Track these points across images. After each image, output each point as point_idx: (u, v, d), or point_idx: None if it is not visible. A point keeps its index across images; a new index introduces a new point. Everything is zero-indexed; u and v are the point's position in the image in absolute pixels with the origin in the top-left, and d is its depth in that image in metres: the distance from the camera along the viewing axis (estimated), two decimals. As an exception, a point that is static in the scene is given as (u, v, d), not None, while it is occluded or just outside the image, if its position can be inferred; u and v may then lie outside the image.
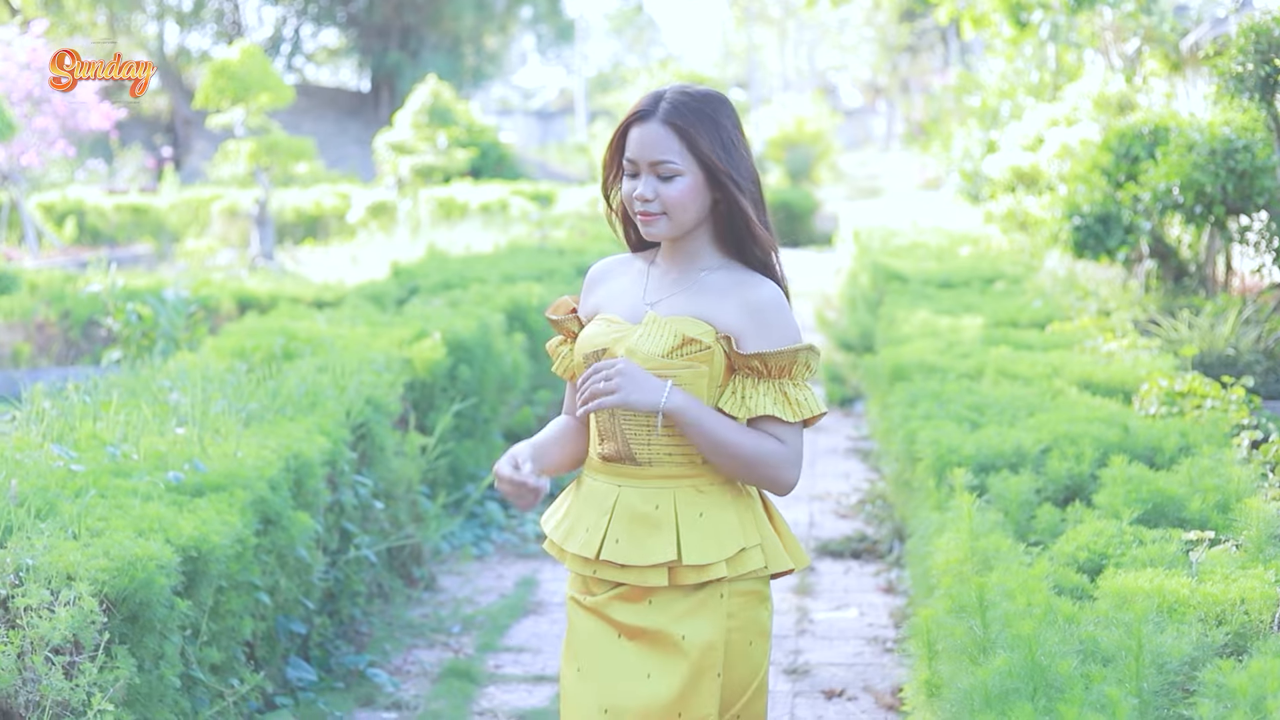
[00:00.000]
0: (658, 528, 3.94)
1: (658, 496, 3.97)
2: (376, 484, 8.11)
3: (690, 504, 3.96)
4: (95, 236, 31.52)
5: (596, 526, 4.00)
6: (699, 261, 4.06)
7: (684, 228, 3.98)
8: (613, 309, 4.12)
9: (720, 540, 3.94)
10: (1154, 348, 9.30)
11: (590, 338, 4.08)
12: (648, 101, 4.00)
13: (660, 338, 3.94)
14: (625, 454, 4.01)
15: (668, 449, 3.97)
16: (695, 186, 3.94)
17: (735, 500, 4.01)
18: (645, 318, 4.01)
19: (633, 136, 3.98)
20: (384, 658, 7.52)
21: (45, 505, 5.38)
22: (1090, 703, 3.66)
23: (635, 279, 4.16)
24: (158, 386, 7.66)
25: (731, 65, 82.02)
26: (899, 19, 57.79)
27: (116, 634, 4.95)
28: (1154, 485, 5.73)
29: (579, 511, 4.10)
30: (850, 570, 9.03)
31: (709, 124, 3.94)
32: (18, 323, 16.25)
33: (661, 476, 3.98)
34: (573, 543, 4.05)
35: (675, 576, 3.93)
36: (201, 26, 55.23)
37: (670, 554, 3.90)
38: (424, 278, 14.78)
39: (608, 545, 3.96)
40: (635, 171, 3.98)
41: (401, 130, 33.26)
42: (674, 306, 4.01)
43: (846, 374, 15.14)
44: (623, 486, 4.01)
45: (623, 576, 3.96)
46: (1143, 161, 11.77)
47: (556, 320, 4.29)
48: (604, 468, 4.07)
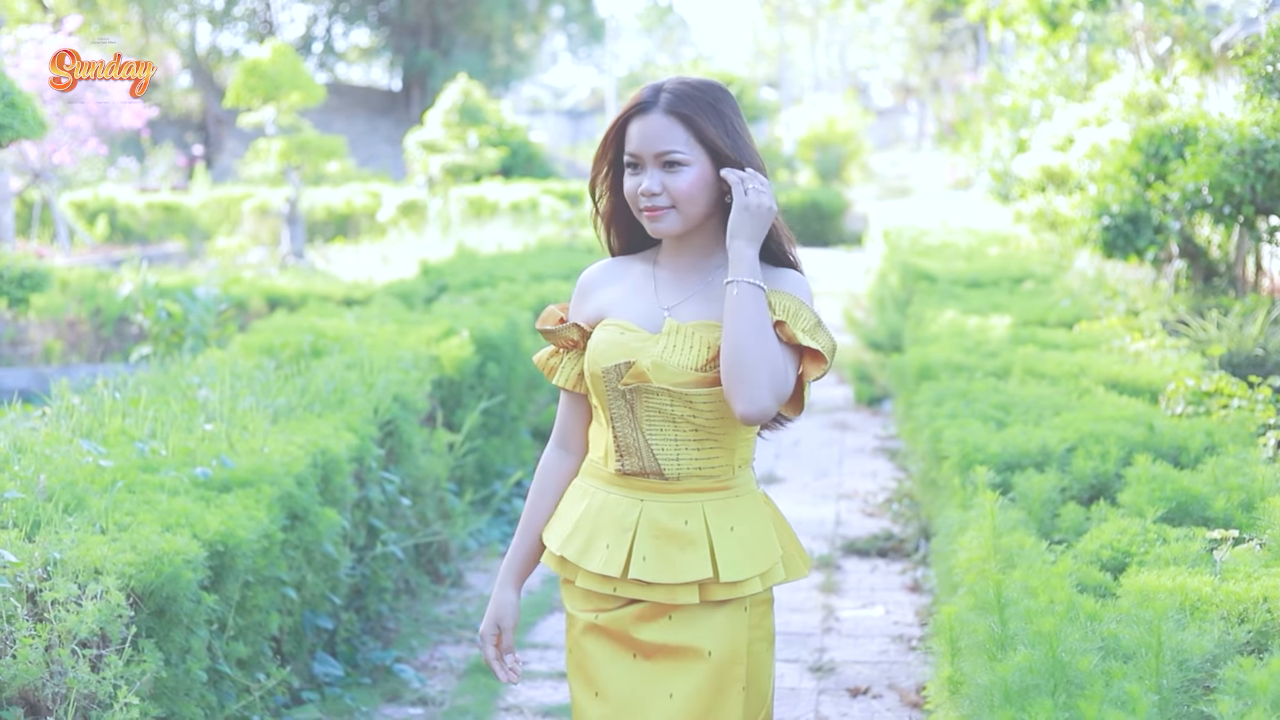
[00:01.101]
0: (690, 544, 3.76)
1: (686, 511, 3.80)
2: (404, 481, 8.13)
3: (721, 518, 3.80)
4: (127, 235, 31.64)
5: (619, 544, 3.81)
6: (710, 259, 3.87)
7: (693, 221, 3.78)
8: (622, 313, 3.88)
9: (753, 554, 3.80)
10: (1182, 348, 9.28)
11: (605, 348, 3.83)
12: (647, 93, 3.81)
13: (691, 349, 3.75)
14: (651, 468, 3.82)
15: (697, 462, 3.80)
16: (703, 177, 3.74)
17: (759, 511, 3.88)
18: (665, 325, 3.80)
19: (633, 130, 3.79)
20: (410, 654, 7.54)
21: (73, 500, 5.42)
22: (1110, 699, 3.66)
23: (640, 281, 3.93)
24: (186, 383, 7.70)
25: (762, 64, 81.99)
26: (930, 18, 57.68)
27: (143, 628, 4.98)
28: (1178, 484, 5.72)
29: (593, 527, 3.88)
30: (876, 568, 9.04)
31: (712, 112, 3.76)
32: (49, 320, 16.34)
33: (689, 490, 3.81)
34: (591, 560, 3.83)
35: (706, 593, 3.78)
36: (233, 25, 55.32)
37: (705, 571, 3.75)
38: (453, 276, 14.82)
39: (635, 563, 3.77)
40: (638, 166, 3.79)
41: (432, 129, 33.26)
42: (694, 311, 3.81)
43: (874, 373, 15.14)
44: (646, 501, 3.82)
45: (648, 594, 3.79)
46: (1172, 161, 11.74)
47: (551, 331, 4.03)
48: (620, 481, 3.88)
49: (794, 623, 8.02)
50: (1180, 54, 15.76)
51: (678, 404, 3.76)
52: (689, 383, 3.73)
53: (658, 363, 3.74)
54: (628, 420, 3.82)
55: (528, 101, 75.11)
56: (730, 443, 3.83)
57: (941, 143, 50.57)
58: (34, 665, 4.38)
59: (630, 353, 3.78)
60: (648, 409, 3.79)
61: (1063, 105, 18.84)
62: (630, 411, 3.82)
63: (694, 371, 3.73)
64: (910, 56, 64.94)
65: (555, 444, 4.11)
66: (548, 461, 4.10)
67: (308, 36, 55.74)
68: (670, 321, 3.79)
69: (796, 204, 35.75)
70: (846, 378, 15.82)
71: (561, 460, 4.08)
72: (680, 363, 3.73)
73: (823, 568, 9.00)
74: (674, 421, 3.78)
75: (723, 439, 3.81)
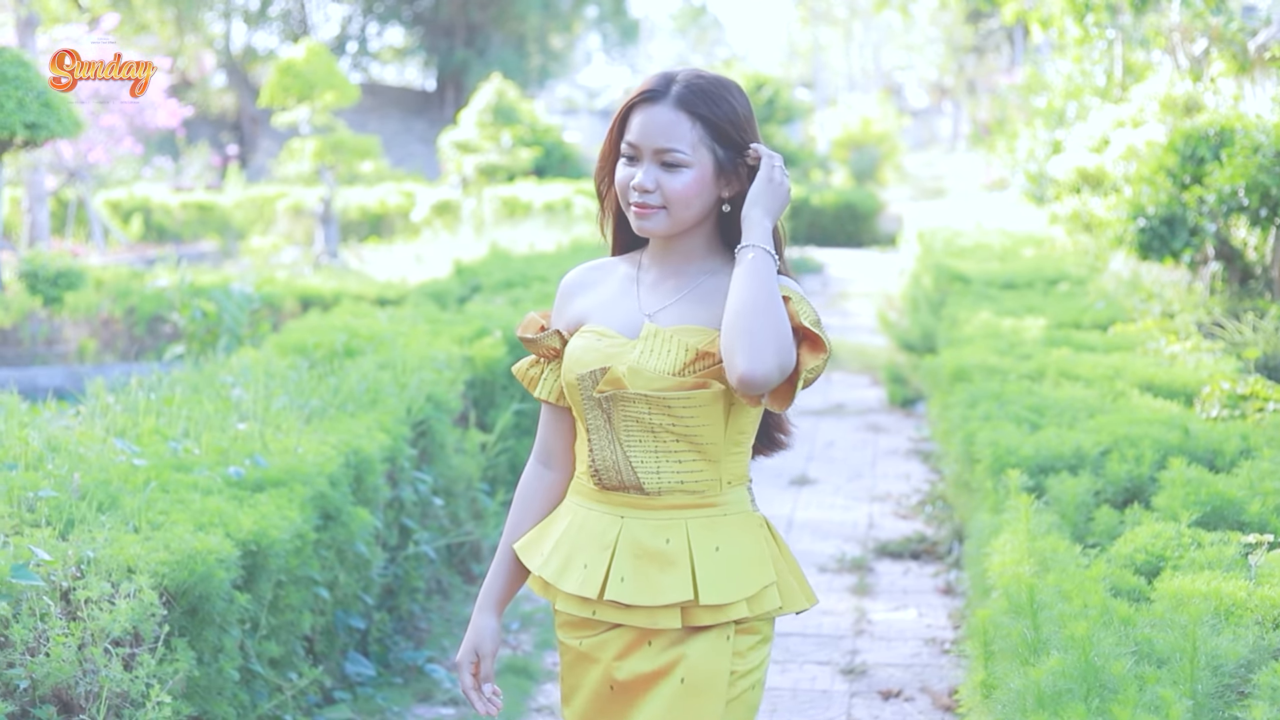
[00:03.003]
0: (670, 564, 3.54)
1: (668, 529, 3.57)
2: (436, 481, 8.14)
3: (705, 537, 3.57)
4: (161, 234, 31.77)
5: (597, 563, 3.59)
6: (696, 263, 3.66)
7: (682, 225, 3.58)
8: (602, 319, 3.68)
9: (739, 577, 3.56)
10: (1217, 350, 9.25)
11: (581, 355, 3.62)
12: (657, 82, 3.57)
13: (668, 353, 3.52)
14: (630, 483, 3.60)
15: (679, 476, 3.57)
16: (702, 181, 3.53)
17: (751, 532, 3.63)
18: (643, 329, 3.58)
19: (637, 119, 3.56)
20: (442, 654, 7.54)
21: (107, 499, 5.44)
22: (1144, 704, 3.65)
23: (623, 286, 3.72)
24: (220, 382, 7.73)
25: (796, 65, 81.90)
26: (965, 19, 57.57)
27: (176, 627, 5.00)
28: (1213, 488, 5.71)
29: (572, 545, 3.67)
30: (909, 571, 9.02)
31: (729, 113, 3.55)
32: (84, 319, 16.41)
33: (671, 507, 3.58)
34: (569, 581, 3.62)
35: (688, 617, 3.55)
36: (268, 25, 55.52)
37: (686, 593, 3.51)
38: (486, 276, 14.84)
39: (612, 584, 3.55)
40: (634, 157, 3.57)
41: (466, 129, 33.31)
42: (676, 316, 3.60)
43: (908, 375, 15.11)
44: (626, 518, 3.60)
45: (627, 618, 3.57)
46: (1208, 163, 11.69)
47: (531, 339, 3.80)
48: (601, 496, 3.66)
49: (826, 625, 8.01)
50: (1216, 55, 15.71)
51: (656, 411, 3.53)
52: (667, 388, 3.50)
53: (634, 368, 3.53)
54: (605, 431, 3.62)
55: (562, 102, 75.13)
56: (715, 454, 3.59)
57: (976, 144, 50.48)
58: (67, 664, 4.39)
59: (606, 359, 3.58)
60: (625, 418, 3.57)
61: (1098, 106, 18.79)
62: (607, 422, 3.60)
63: (672, 376, 3.50)
64: (945, 57, 64.84)
65: (536, 460, 3.89)
66: (528, 479, 3.89)
67: (342, 36, 55.91)
68: (649, 325, 3.58)
69: (831, 205, 35.71)
70: (880, 379, 15.81)
71: (542, 477, 3.87)
72: (657, 367, 3.51)
73: (855, 570, 8.99)
74: (653, 431, 3.56)
75: (706, 450, 3.58)
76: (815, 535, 9.73)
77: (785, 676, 7.24)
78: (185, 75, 48.89)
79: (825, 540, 9.61)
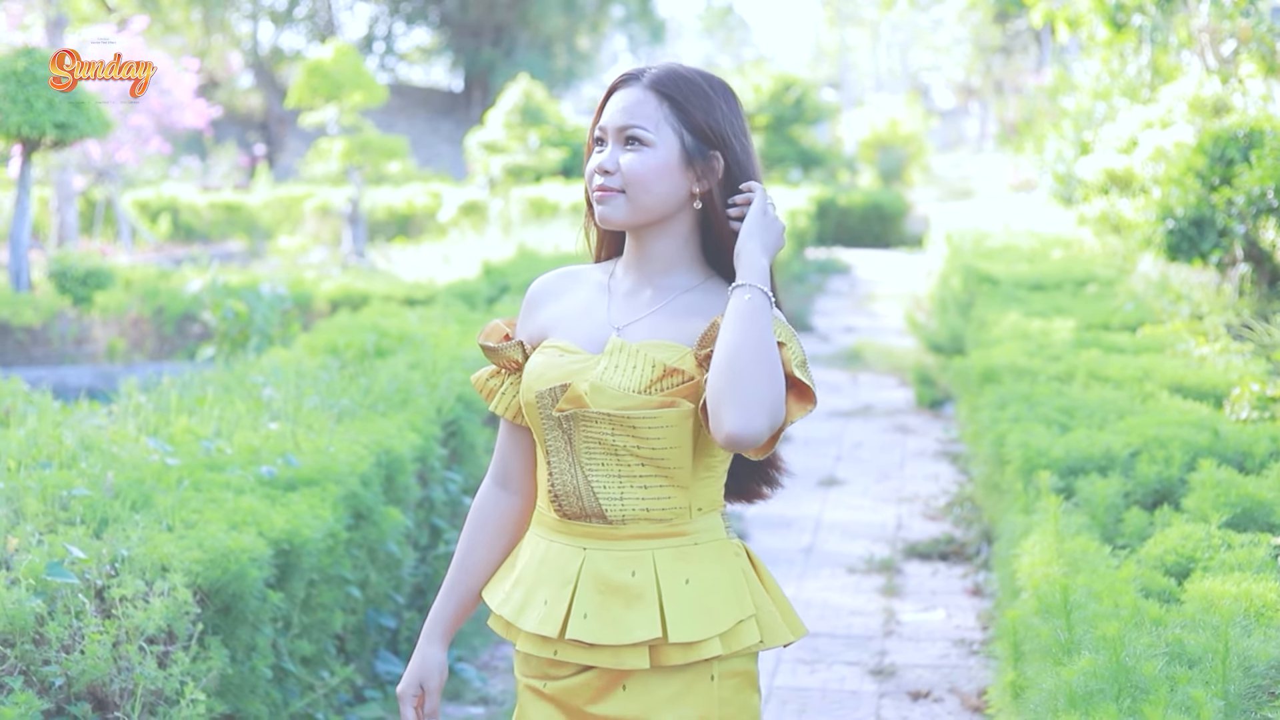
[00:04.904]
0: (636, 599, 3.25)
1: (633, 561, 3.28)
2: (466, 480, 8.16)
3: (673, 568, 3.28)
4: (189, 233, 31.87)
5: (558, 599, 3.30)
6: (675, 276, 3.39)
7: (645, 214, 3.30)
8: (566, 333, 3.40)
9: (712, 612, 3.27)
10: (1246, 352, 9.24)
11: (540, 372, 3.34)
12: (636, 69, 3.37)
13: (632, 369, 3.24)
14: (592, 510, 3.31)
15: (644, 503, 3.29)
16: (666, 165, 3.27)
17: (725, 562, 3.35)
18: (609, 344, 3.30)
19: (609, 104, 3.37)
20: (472, 653, 7.56)
21: (141, 498, 5.47)
22: (1176, 704, 3.66)
23: (593, 296, 3.45)
24: (251, 382, 7.77)
25: (823, 66, 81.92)
26: (993, 20, 57.49)
27: (209, 625, 5.03)
28: (1243, 490, 5.71)
29: (533, 580, 3.38)
30: (938, 572, 9.02)
31: (700, 97, 3.31)
32: (113, 318, 16.48)
33: (636, 536, 3.30)
34: (528, 619, 3.33)
35: (658, 657, 3.25)
36: (295, 25, 55.62)
37: (653, 631, 3.22)
38: (515, 277, 14.88)
39: (574, 622, 3.26)
40: (602, 140, 3.35)
41: (493, 130, 33.35)
42: (647, 330, 3.33)
43: (936, 376, 15.10)
44: (589, 550, 3.31)
45: (592, 658, 3.27)
46: (1237, 165, 11.68)
47: (493, 349, 3.51)
48: (562, 526, 3.37)
49: (855, 626, 8.02)
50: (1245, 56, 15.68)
51: (620, 432, 3.25)
52: (631, 406, 3.22)
53: (596, 385, 3.24)
54: (565, 454, 3.33)
55: (588, 102, 75.10)
56: (683, 480, 3.30)
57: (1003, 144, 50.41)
58: (102, 661, 4.42)
59: (568, 376, 3.30)
60: (586, 439, 3.28)
61: (1127, 107, 18.77)
62: (568, 444, 3.32)
63: (637, 394, 3.22)
64: (972, 57, 64.74)
65: (492, 481, 3.60)
66: (483, 501, 3.59)
67: (369, 37, 56.01)
68: (615, 339, 3.29)
69: (858, 205, 35.72)
70: (908, 380, 15.80)
71: (499, 500, 3.57)
72: (621, 384, 3.23)
73: (884, 571, 8.99)
74: (616, 454, 3.27)
75: (674, 475, 3.29)
76: (844, 536, 9.74)
77: (814, 677, 7.25)
78: (212, 75, 49.02)
79: (854, 541, 9.62)
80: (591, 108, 66.90)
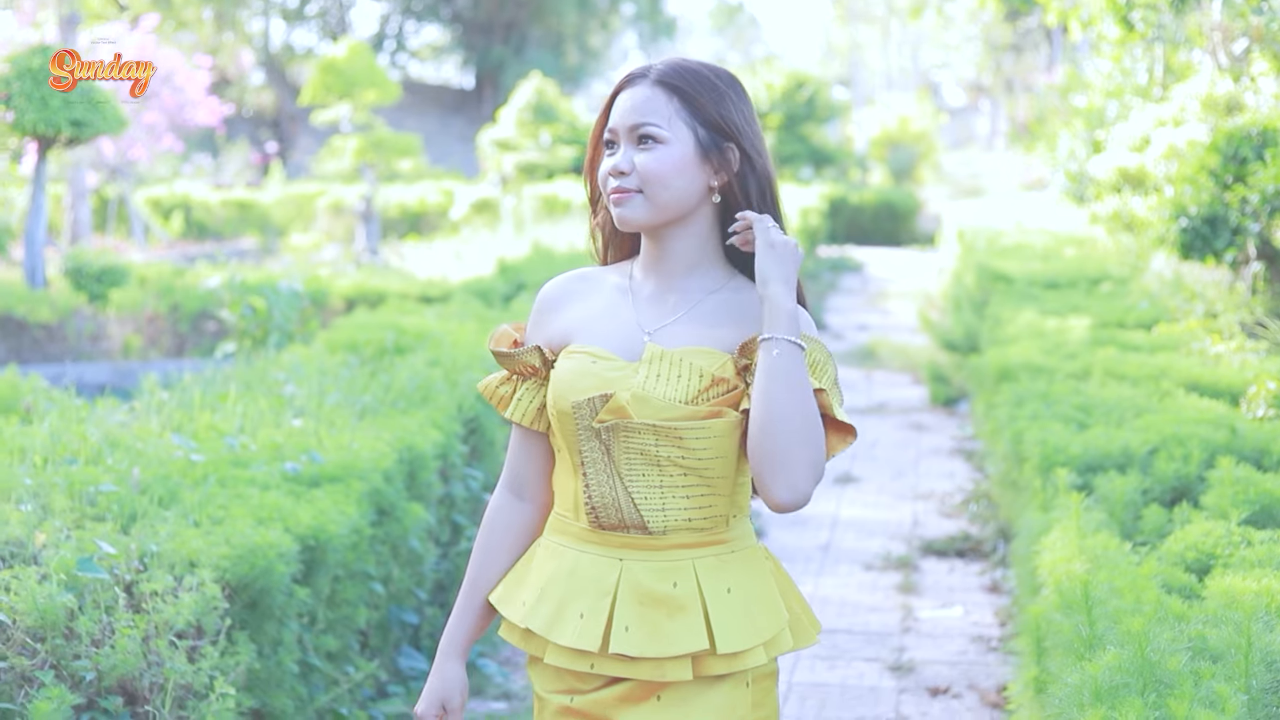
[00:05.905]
0: (679, 610, 3.17)
1: (674, 571, 3.20)
2: (487, 477, 8.19)
3: (715, 577, 3.22)
4: (201, 231, 31.95)
5: (595, 611, 3.20)
6: (698, 277, 3.30)
7: (664, 211, 3.22)
8: (592, 338, 3.29)
9: (755, 620, 3.22)
10: (1261, 350, 9.26)
11: (574, 380, 3.23)
12: (641, 67, 3.29)
13: (678, 378, 3.15)
14: (632, 521, 3.22)
15: (687, 513, 3.21)
16: (682, 158, 3.19)
17: (760, 568, 3.31)
18: (646, 351, 3.20)
19: (616, 105, 3.28)
20: (493, 649, 7.59)
21: (167, 494, 5.51)
22: (1200, 699, 3.68)
23: (614, 299, 3.34)
24: (272, 379, 7.81)
25: (834, 63, 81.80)
26: (1003, 18, 57.45)
27: (237, 620, 5.07)
28: (1262, 487, 5.73)
29: (564, 592, 3.26)
30: (955, 569, 9.05)
31: (710, 90, 3.22)
32: (128, 315, 16.52)
33: (677, 546, 3.22)
34: (562, 633, 3.22)
35: (700, 667, 3.18)
36: (306, 23, 55.71)
37: (700, 642, 3.15)
38: (530, 274, 14.93)
39: (615, 635, 3.16)
40: (613, 142, 3.27)
41: (505, 127, 33.41)
42: (681, 336, 3.23)
43: (950, 374, 15.12)
44: (625, 560, 3.22)
45: (632, 671, 3.19)
46: (1251, 163, 11.69)
47: (506, 354, 3.39)
48: (595, 537, 3.27)
49: (873, 622, 8.05)
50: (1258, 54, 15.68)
51: (665, 443, 3.15)
52: (679, 417, 3.13)
53: (639, 395, 3.14)
54: (603, 465, 3.22)
55: (599, 99, 75.22)
56: (725, 488, 3.24)
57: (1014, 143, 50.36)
58: (132, 655, 4.45)
59: (606, 384, 3.19)
60: (627, 450, 3.18)
61: (1139, 106, 18.78)
62: (606, 454, 3.20)
63: (683, 405, 3.13)
64: (983, 55, 64.64)
65: (506, 489, 3.49)
66: (497, 510, 3.49)
67: (380, 34, 56.10)
68: (652, 346, 3.20)
69: (869, 203, 35.78)
70: (921, 378, 15.82)
71: (514, 509, 3.47)
72: (667, 395, 3.14)
73: (901, 568, 9.02)
74: (659, 465, 3.18)
75: (718, 484, 3.22)
76: (860, 533, 9.77)
77: (834, 673, 7.28)
78: (224, 73, 49.07)
79: (870, 538, 9.65)
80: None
